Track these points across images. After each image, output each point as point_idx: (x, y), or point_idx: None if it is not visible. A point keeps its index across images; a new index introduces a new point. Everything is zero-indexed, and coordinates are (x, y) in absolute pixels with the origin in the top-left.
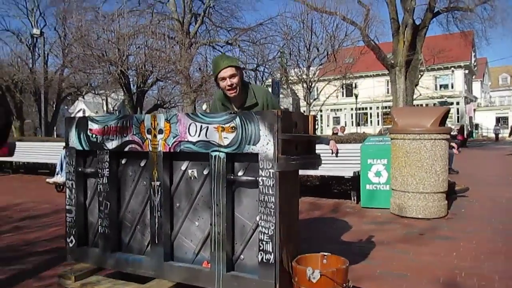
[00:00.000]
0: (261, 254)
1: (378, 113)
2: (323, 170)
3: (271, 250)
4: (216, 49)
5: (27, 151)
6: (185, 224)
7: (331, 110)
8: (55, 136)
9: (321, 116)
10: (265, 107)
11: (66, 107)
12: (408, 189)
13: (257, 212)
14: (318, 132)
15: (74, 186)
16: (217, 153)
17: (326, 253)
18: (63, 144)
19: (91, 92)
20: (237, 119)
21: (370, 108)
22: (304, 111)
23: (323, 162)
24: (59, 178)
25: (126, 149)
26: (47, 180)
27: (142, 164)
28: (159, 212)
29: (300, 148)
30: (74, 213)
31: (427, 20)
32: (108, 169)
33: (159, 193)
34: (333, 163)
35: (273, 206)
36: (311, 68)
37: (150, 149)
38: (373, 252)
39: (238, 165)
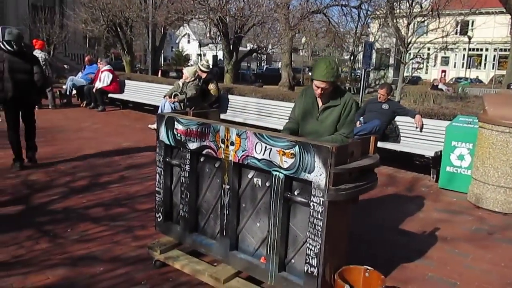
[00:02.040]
0: (306, 266)
1: (494, 56)
2: (403, 146)
3: (315, 265)
4: None
5: (135, 90)
6: (248, 223)
7: (440, 49)
8: (162, 61)
9: (428, 55)
10: (343, 110)
11: (173, 30)
12: (488, 181)
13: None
14: (422, 72)
15: (162, 173)
16: (277, 173)
17: (369, 268)
18: (168, 86)
19: (195, 18)
20: (296, 147)
21: (486, 50)
22: (401, 52)
23: (406, 135)
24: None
25: (204, 152)
26: (149, 126)
27: (217, 165)
28: (227, 211)
29: (354, 175)
30: (162, 195)
31: None
32: (189, 165)
33: (228, 195)
34: (416, 138)
35: (320, 229)
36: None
37: (222, 157)
38: (431, 250)
39: (296, 184)
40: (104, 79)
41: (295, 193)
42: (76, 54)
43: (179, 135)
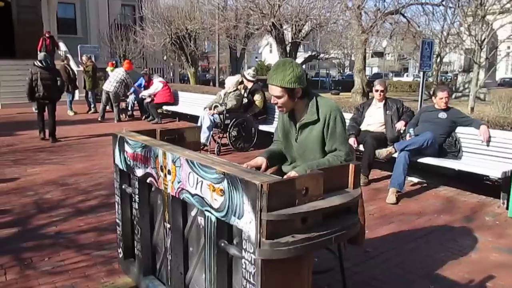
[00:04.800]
0: None
1: None
2: (464, 164)
3: None
4: None
5: (187, 101)
6: (196, 272)
7: None
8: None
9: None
10: (324, 126)
11: (256, 40)
12: None
13: None
14: (500, 73)
15: (119, 202)
16: (209, 214)
17: None
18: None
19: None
20: (225, 182)
21: None
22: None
23: (469, 151)
24: None
25: (148, 180)
26: None
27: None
28: (169, 256)
29: (314, 221)
30: (121, 227)
31: None
32: (138, 195)
33: (169, 236)
34: (481, 154)
35: None
36: None
37: (162, 188)
38: None
39: (236, 231)
40: (152, 89)
41: (235, 242)
42: (154, 68)
43: (128, 158)
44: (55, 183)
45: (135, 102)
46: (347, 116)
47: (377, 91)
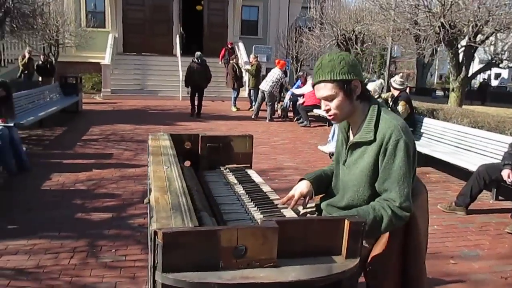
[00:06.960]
0: None
1: None
2: None
3: None
4: None
5: None
6: None
7: None
8: (436, 79)
9: None
10: (381, 152)
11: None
12: None
13: None
14: None
15: None
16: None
17: None
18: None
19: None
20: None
21: None
22: None
23: None
24: (327, 147)
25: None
26: (319, 147)
27: None
28: None
29: None
30: None
31: None
32: None
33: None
34: None
35: None
36: None
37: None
38: None
39: None
40: (301, 89)
41: None
42: None
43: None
44: None
45: (290, 103)
46: (507, 140)
47: None
